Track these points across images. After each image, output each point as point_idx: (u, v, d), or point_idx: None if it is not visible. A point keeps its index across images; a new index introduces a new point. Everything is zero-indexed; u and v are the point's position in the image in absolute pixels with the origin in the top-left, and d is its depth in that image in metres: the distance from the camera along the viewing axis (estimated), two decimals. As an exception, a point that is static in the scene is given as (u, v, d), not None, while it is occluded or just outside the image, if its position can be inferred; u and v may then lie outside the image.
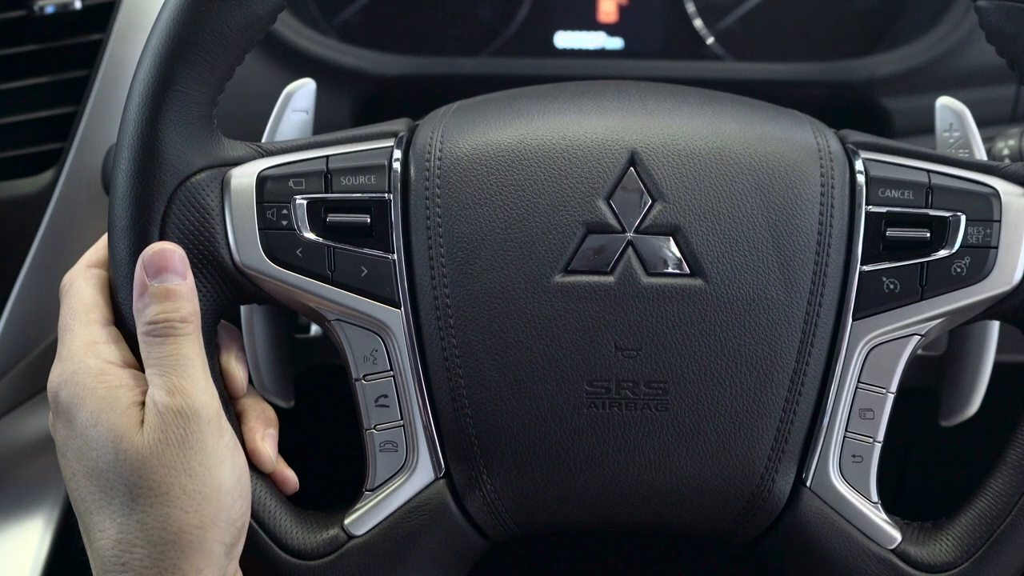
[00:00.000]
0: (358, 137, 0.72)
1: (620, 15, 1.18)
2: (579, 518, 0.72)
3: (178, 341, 0.65)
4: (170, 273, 0.65)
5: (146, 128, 0.66)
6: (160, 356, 0.64)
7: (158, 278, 0.65)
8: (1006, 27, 0.70)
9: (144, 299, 0.65)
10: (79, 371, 0.65)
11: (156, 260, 0.65)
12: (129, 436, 0.63)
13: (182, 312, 0.65)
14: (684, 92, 0.75)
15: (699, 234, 0.68)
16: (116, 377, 0.65)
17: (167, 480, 0.62)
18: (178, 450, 0.63)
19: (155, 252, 0.65)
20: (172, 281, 0.65)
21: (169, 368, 0.64)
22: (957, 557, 0.70)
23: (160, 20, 0.67)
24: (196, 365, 0.65)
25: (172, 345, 0.65)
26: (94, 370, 0.65)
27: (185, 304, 0.65)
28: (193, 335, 0.65)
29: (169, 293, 0.65)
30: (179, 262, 0.66)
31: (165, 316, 0.65)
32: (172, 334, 0.65)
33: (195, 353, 0.65)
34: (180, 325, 0.65)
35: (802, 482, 0.70)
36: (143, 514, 0.62)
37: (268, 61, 1.04)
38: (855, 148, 0.72)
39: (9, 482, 0.97)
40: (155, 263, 0.65)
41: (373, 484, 0.70)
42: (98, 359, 0.65)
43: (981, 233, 0.68)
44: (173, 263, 0.66)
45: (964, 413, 0.80)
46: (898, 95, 1.06)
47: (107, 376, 0.65)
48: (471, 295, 0.68)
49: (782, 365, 0.68)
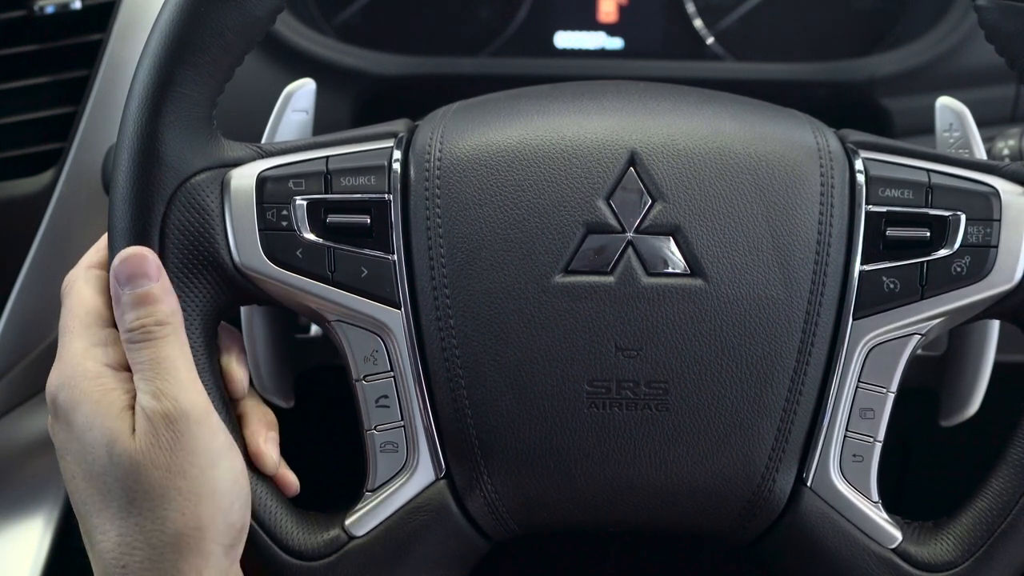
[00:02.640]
0: (358, 138, 0.72)
1: (620, 15, 1.18)
2: (580, 518, 0.72)
3: (156, 344, 0.65)
4: (141, 278, 0.65)
5: (146, 129, 0.66)
6: (142, 361, 0.64)
7: (130, 285, 0.65)
8: (1005, 26, 0.70)
9: (120, 307, 0.65)
10: (76, 374, 0.65)
11: (126, 268, 0.65)
12: (122, 440, 0.63)
13: (157, 315, 0.65)
14: (684, 92, 0.75)
15: (699, 234, 0.68)
16: (111, 380, 0.65)
17: (162, 483, 0.62)
18: (170, 453, 0.63)
19: (123, 261, 0.65)
20: (144, 286, 0.65)
21: (152, 372, 0.64)
22: (958, 556, 0.70)
23: (159, 21, 0.67)
24: (179, 367, 0.65)
25: (151, 349, 0.64)
26: (91, 373, 0.65)
27: (160, 307, 0.65)
28: (171, 336, 0.65)
29: (142, 299, 0.65)
30: (150, 266, 0.65)
31: (140, 322, 0.65)
32: (150, 338, 0.64)
33: (177, 354, 0.65)
34: (156, 328, 0.65)
35: (803, 482, 0.70)
36: (140, 517, 0.62)
37: (268, 61, 1.04)
38: (855, 147, 0.72)
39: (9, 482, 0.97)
40: (125, 271, 0.65)
41: (374, 485, 0.70)
42: (95, 362, 0.65)
43: (981, 232, 0.68)
44: (143, 267, 0.65)
45: (964, 413, 0.80)
46: (898, 95, 1.06)
47: (102, 379, 0.65)
48: (471, 295, 0.68)
49: (782, 365, 0.68)
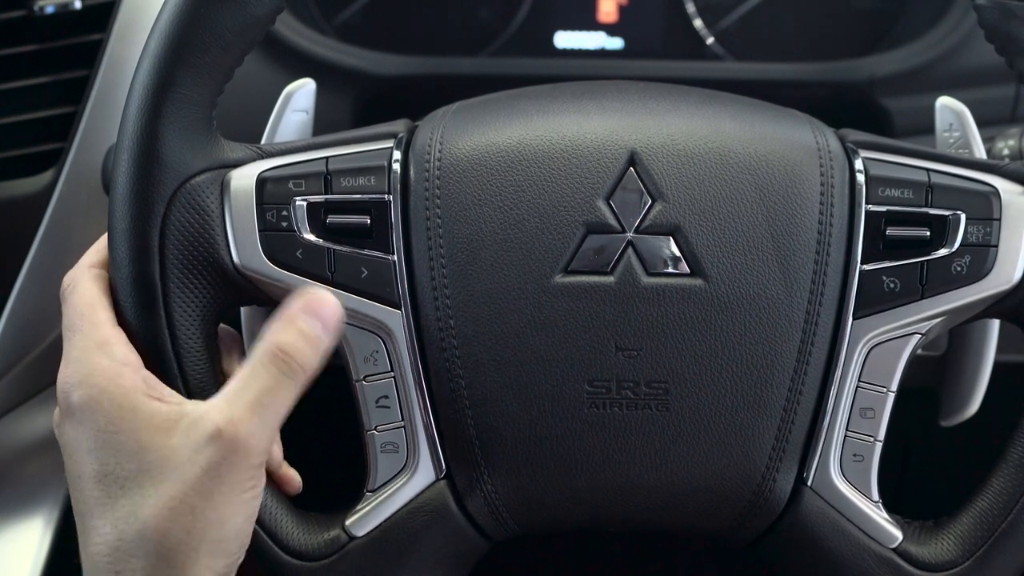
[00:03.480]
0: (357, 138, 0.72)
1: (620, 15, 1.18)
2: (580, 518, 0.72)
3: (284, 383, 0.63)
4: (320, 322, 0.65)
5: (145, 130, 0.66)
6: (259, 387, 0.63)
7: (309, 318, 0.64)
8: (1005, 25, 0.70)
9: (286, 326, 0.64)
10: (94, 372, 0.64)
11: (315, 305, 0.65)
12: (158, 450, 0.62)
13: (308, 360, 0.64)
14: (683, 92, 0.75)
15: (699, 234, 0.68)
16: (130, 380, 0.64)
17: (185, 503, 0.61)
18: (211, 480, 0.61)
19: (319, 297, 0.65)
20: (316, 329, 0.65)
21: (258, 403, 0.62)
22: (959, 556, 0.70)
23: (159, 22, 0.67)
24: (281, 415, 0.64)
25: (277, 382, 0.63)
26: (109, 372, 0.64)
27: (312, 357, 0.64)
28: (298, 388, 0.64)
29: (311, 339, 0.64)
30: (333, 319, 0.65)
31: (293, 353, 0.64)
32: (287, 373, 0.63)
33: (289, 404, 0.64)
34: (299, 370, 0.64)
35: (803, 481, 0.70)
36: (143, 525, 0.61)
37: (268, 61, 1.04)
38: (854, 147, 0.72)
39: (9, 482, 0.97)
40: (313, 306, 0.65)
41: (374, 485, 0.70)
42: (112, 360, 0.64)
43: (981, 232, 0.68)
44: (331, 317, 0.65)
45: (964, 413, 0.80)
46: (898, 95, 1.06)
47: (122, 379, 0.64)
48: (471, 296, 0.68)
49: (783, 364, 0.68)
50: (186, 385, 0.67)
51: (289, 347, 0.64)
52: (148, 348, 0.66)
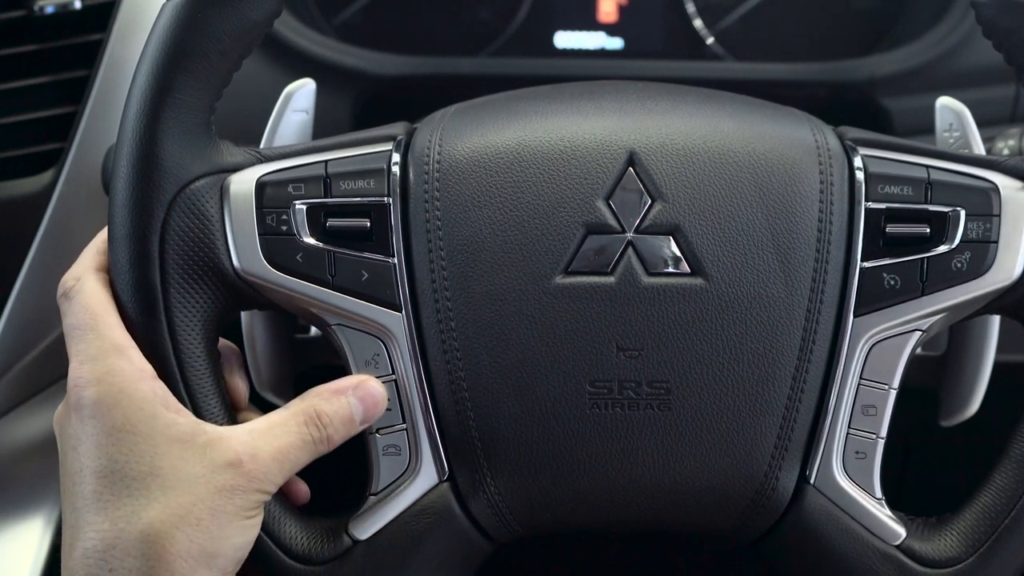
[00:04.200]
0: (356, 141, 0.71)
1: (620, 15, 1.18)
2: (583, 519, 0.72)
3: (308, 447, 0.67)
4: (364, 409, 0.68)
5: (145, 136, 0.66)
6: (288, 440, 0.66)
7: (356, 400, 0.68)
8: (1003, 21, 0.70)
9: (334, 397, 0.68)
10: (112, 371, 0.64)
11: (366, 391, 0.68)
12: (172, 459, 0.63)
13: (337, 436, 0.68)
14: (682, 91, 0.75)
15: (699, 233, 0.68)
16: (149, 387, 0.65)
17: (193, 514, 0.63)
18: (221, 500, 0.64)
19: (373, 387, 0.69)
20: (358, 413, 0.68)
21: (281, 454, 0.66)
22: (962, 552, 0.70)
23: (157, 27, 0.66)
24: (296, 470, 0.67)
25: (304, 443, 0.67)
26: (128, 374, 0.64)
27: (342, 435, 0.68)
28: (316, 456, 0.68)
29: (348, 420, 0.68)
30: (374, 411, 0.69)
31: (327, 425, 0.67)
32: (316, 439, 0.67)
33: (304, 464, 0.67)
34: (325, 441, 0.67)
35: (806, 479, 0.70)
36: (147, 527, 0.62)
37: (268, 61, 1.04)
38: (853, 145, 0.72)
39: (9, 482, 0.97)
40: (364, 392, 0.68)
41: (377, 488, 0.70)
42: (130, 363, 0.65)
43: (981, 228, 0.69)
44: (374, 408, 0.69)
45: (964, 413, 0.80)
46: (898, 95, 1.06)
47: (143, 384, 0.64)
48: (472, 297, 0.68)
49: (784, 363, 0.68)
50: (187, 388, 0.67)
51: (328, 418, 0.67)
52: (150, 353, 0.66)
